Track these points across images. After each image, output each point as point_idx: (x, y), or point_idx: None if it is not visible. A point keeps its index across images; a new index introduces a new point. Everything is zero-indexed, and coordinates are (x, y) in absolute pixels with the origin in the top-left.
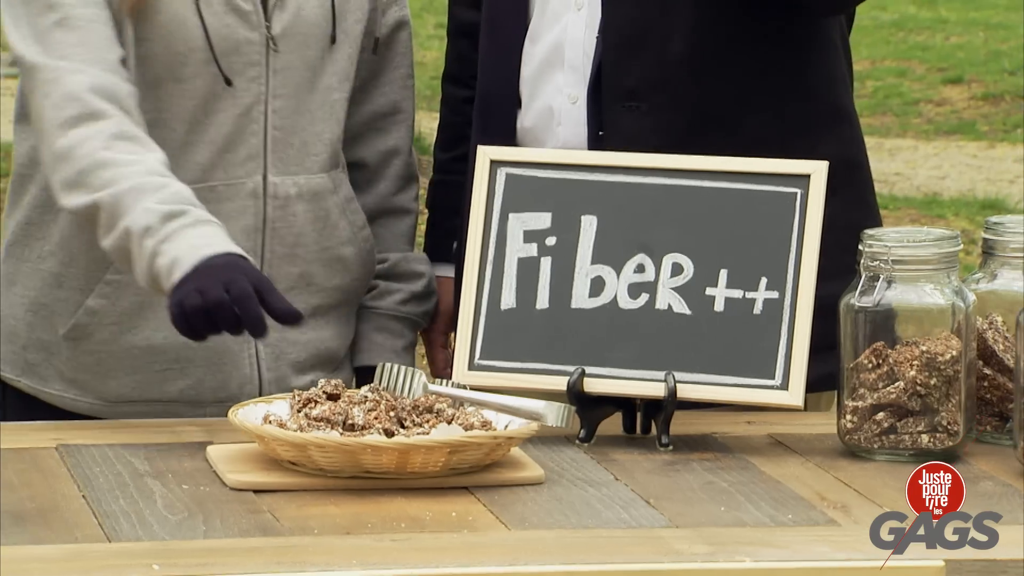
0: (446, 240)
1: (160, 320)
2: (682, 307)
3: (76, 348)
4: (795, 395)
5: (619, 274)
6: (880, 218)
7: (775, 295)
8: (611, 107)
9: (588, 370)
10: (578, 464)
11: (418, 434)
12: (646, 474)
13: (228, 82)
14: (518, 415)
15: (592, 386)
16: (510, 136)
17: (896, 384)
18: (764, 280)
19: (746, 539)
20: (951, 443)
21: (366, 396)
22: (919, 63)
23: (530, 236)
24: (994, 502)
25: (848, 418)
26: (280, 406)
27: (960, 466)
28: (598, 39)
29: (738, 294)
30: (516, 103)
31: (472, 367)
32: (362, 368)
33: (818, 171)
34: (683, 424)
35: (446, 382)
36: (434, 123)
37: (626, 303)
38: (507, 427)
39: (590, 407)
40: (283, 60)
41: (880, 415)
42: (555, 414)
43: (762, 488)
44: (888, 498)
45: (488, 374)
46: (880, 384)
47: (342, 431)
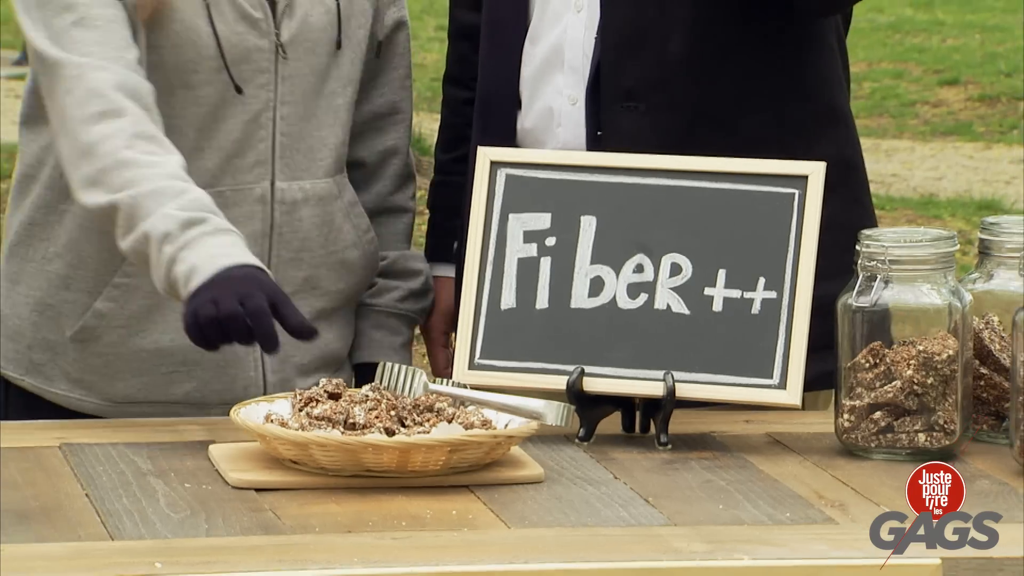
0: (447, 240)
1: (168, 323)
2: (681, 307)
3: (83, 350)
4: (793, 394)
5: (618, 274)
6: (875, 218)
7: (773, 295)
8: (609, 107)
9: (587, 369)
10: (577, 463)
11: (419, 433)
12: (645, 473)
13: (239, 90)
14: (518, 414)
15: (591, 385)
16: (510, 137)
17: (893, 383)
18: (762, 280)
19: (744, 537)
20: (948, 442)
21: (367, 395)
22: (916, 65)
23: (530, 236)
24: (991, 500)
25: (845, 417)
26: (282, 405)
27: (957, 465)
28: (597, 40)
29: (736, 294)
30: (516, 104)
31: (472, 366)
32: (361, 365)
33: (816, 172)
34: (682, 423)
35: (446, 381)
36: (435, 124)
37: (625, 303)
38: (507, 426)
39: (589, 406)
40: (291, 67)
41: (877, 414)
42: (555, 413)
43: (760, 487)
44: (885, 497)
45: (488, 373)
46: (877, 383)
47: (343, 430)
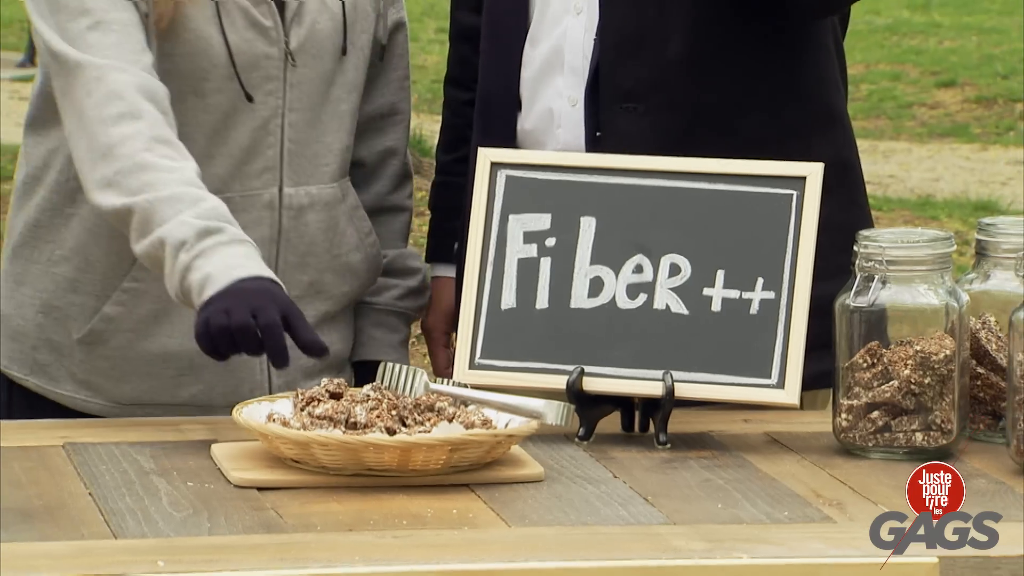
0: (448, 241)
1: (176, 327)
2: (680, 307)
3: (91, 352)
4: (791, 394)
5: (618, 274)
6: (871, 219)
7: (771, 295)
8: (608, 108)
9: (587, 369)
10: (577, 462)
11: (420, 432)
12: (644, 472)
13: (249, 98)
14: (518, 414)
15: (591, 385)
16: (510, 138)
17: (890, 383)
18: (760, 280)
19: (743, 536)
20: (945, 441)
21: (368, 395)
22: (913, 67)
23: (530, 237)
24: (987, 499)
25: (843, 416)
26: (283, 404)
27: (954, 464)
28: (596, 41)
29: (735, 294)
30: (516, 106)
31: (473, 366)
32: (360, 363)
33: (814, 173)
34: (681, 422)
35: (447, 381)
36: (436, 126)
37: (624, 303)
38: (507, 425)
39: (589, 406)
40: (299, 74)
41: (875, 413)
42: (555, 413)
43: (758, 485)
44: (883, 495)
45: (489, 373)
46: (875, 383)
47: (345, 429)
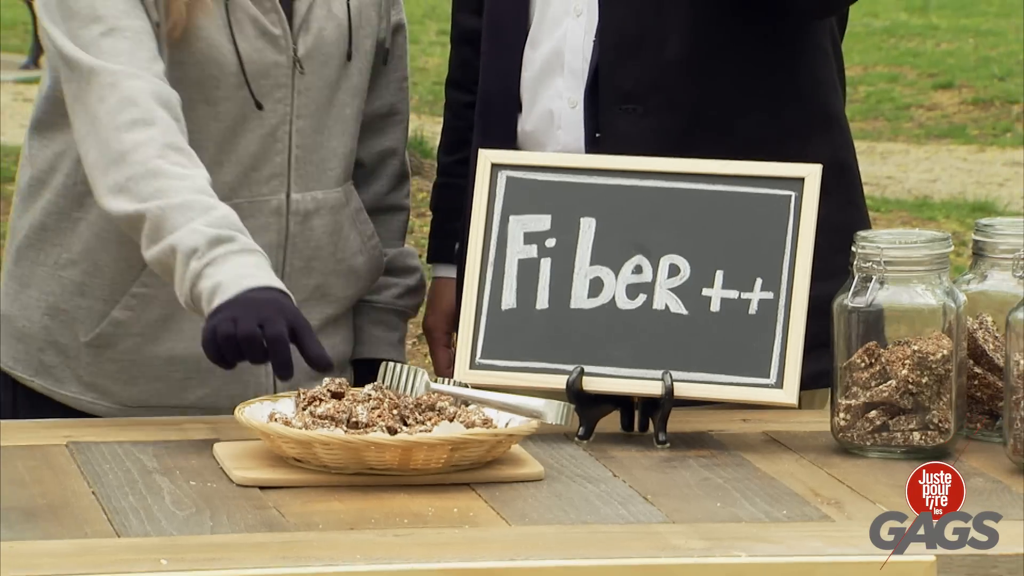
0: (449, 241)
1: (183, 332)
2: (679, 307)
3: (98, 355)
4: (790, 393)
5: (617, 275)
6: (869, 220)
7: (770, 295)
8: (608, 109)
9: (587, 369)
10: (577, 461)
11: (420, 432)
12: (644, 471)
13: (259, 106)
14: (518, 413)
15: (591, 385)
16: (511, 140)
17: (888, 383)
18: (759, 281)
19: (741, 534)
20: (942, 440)
21: (369, 394)
22: (910, 69)
23: (530, 238)
24: (985, 498)
25: (841, 416)
26: (285, 404)
27: (951, 463)
28: (595, 42)
29: (734, 295)
30: (517, 107)
31: (473, 366)
32: (360, 361)
33: (812, 174)
34: (680, 422)
35: (448, 381)
36: (437, 128)
37: (624, 303)
38: (508, 425)
39: (589, 405)
40: (306, 80)
41: (873, 413)
42: (555, 412)
43: (757, 484)
44: (880, 494)
45: (489, 373)
46: (873, 383)
47: (346, 429)
